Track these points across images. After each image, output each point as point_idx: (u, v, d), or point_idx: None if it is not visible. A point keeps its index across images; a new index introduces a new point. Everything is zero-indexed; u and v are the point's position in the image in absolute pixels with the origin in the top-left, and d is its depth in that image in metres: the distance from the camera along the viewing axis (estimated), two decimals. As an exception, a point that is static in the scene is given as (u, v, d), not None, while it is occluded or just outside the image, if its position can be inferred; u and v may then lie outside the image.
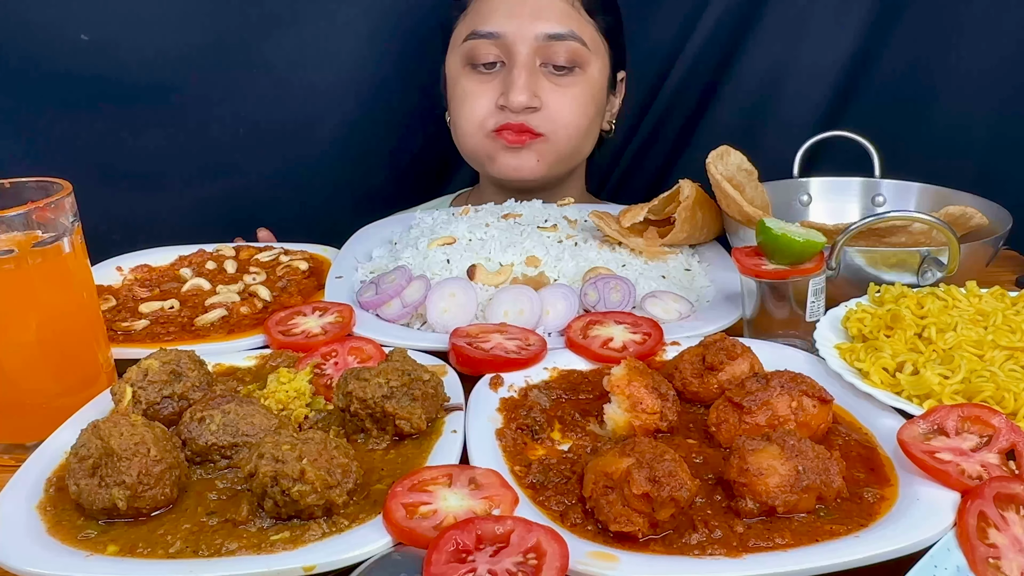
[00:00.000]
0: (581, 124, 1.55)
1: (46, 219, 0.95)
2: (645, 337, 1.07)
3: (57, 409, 0.95)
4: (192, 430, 0.87)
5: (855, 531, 0.75)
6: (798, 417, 0.87)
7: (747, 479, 0.77)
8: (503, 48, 1.50)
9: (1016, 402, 0.89)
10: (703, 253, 1.37)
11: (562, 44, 1.50)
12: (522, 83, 1.47)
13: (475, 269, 1.22)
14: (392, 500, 0.76)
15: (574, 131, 1.55)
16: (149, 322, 1.19)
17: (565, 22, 1.51)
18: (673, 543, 0.74)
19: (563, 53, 1.50)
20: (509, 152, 1.53)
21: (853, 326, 1.06)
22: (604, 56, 1.58)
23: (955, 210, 1.22)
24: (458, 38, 1.56)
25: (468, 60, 1.54)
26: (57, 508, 0.81)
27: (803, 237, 1.04)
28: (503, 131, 1.51)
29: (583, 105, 1.54)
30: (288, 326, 1.13)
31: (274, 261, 1.38)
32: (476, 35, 1.51)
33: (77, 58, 1.63)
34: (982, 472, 0.79)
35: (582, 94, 1.54)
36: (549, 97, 1.51)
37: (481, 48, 1.51)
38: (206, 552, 0.75)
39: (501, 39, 1.50)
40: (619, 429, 0.90)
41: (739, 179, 1.30)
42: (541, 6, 1.50)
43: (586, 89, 1.55)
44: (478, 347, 1.04)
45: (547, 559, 0.69)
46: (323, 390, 0.99)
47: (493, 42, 1.50)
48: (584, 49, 1.52)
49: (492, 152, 1.55)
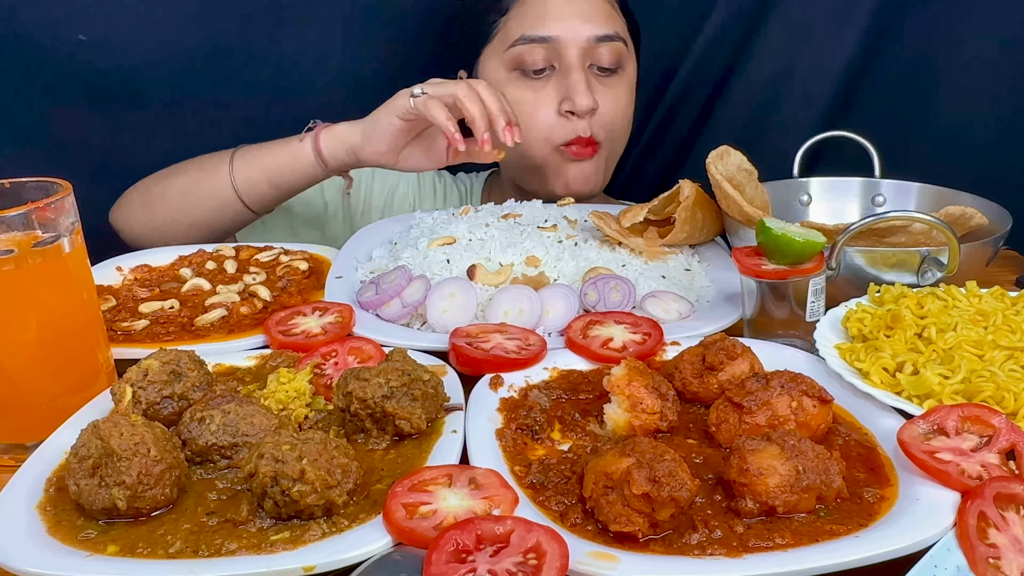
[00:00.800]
0: (627, 125, 1.58)
1: (46, 219, 0.95)
2: (645, 337, 1.07)
3: (57, 409, 0.95)
4: (192, 430, 0.87)
5: (855, 531, 0.75)
6: (798, 417, 0.87)
7: (747, 479, 0.77)
8: (553, 52, 1.49)
9: (1016, 402, 0.89)
10: (703, 253, 1.37)
11: (609, 45, 1.51)
12: (584, 86, 1.47)
13: (475, 269, 1.22)
14: (392, 500, 0.76)
15: (623, 132, 1.58)
16: (149, 322, 1.19)
17: (610, 23, 1.52)
18: (673, 543, 0.74)
19: (609, 54, 1.51)
20: (575, 164, 1.54)
21: (853, 326, 1.06)
22: (634, 55, 1.60)
23: (955, 210, 1.22)
24: (502, 43, 1.53)
25: (516, 65, 1.52)
26: (57, 508, 0.81)
27: (803, 237, 1.04)
28: (572, 144, 1.52)
29: (627, 105, 1.56)
30: (288, 326, 1.13)
31: (274, 261, 1.38)
32: (526, 39, 1.49)
33: (77, 58, 1.64)
34: (982, 472, 0.79)
35: (625, 94, 1.56)
36: (601, 99, 1.51)
37: (533, 53, 1.49)
38: (206, 552, 0.75)
39: (552, 43, 1.49)
40: (619, 429, 0.90)
41: (739, 179, 1.30)
42: (589, 8, 1.51)
43: (628, 88, 1.57)
44: (478, 347, 1.04)
45: (547, 559, 0.69)
46: (323, 390, 0.99)
47: (544, 46, 1.49)
48: (625, 48, 1.54)
49: (558, 164, 1.55)
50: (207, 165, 1.49)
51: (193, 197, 1.49)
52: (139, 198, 1.53)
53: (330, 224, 1.72)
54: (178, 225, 1.51)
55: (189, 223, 1.51)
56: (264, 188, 1.47)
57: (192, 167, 1.51)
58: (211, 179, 1.48)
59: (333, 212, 1.71)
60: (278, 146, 1.46)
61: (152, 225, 1.52)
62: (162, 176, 1.53)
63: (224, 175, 1.46)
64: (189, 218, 1.50)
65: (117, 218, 1.56)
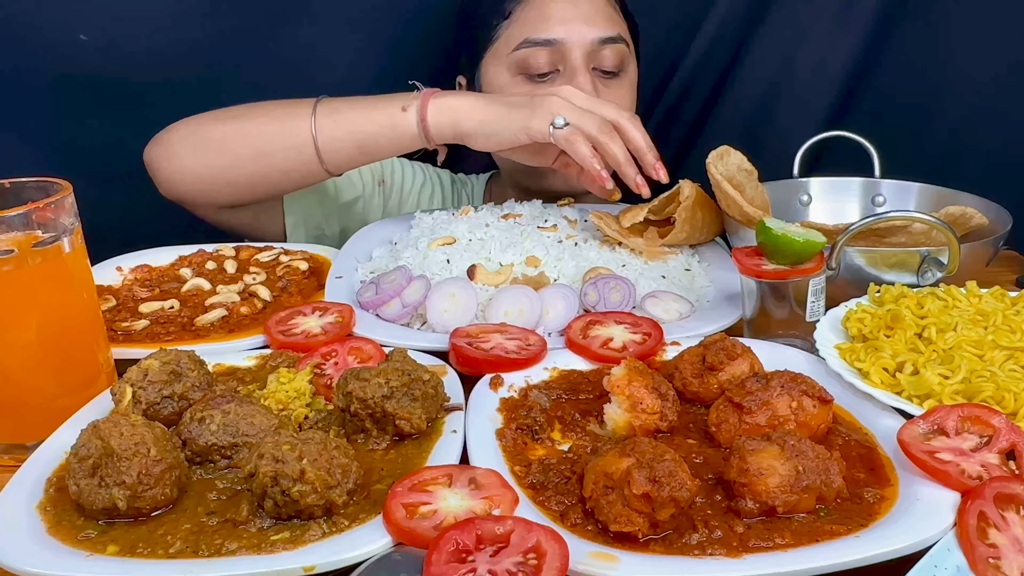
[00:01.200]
0: None
1: (46, 219, 0.95)
2: (645, 337, 1.07)
3: (57, 409, 0.95)
4: (192, 430, 0.87)
5: (855, 531, 0.75)
6: (798, 417, 0.87)
7: (747, 479, 0.77)
8: (558, 55, 1.49)
9: (1016, 402, 0.89)
10: (703, 253, 1.37)
11: (612, 47, 1.50)
12: (590, 88, 1.46)
13: (475, 269, 1.22)
14: (392, 500, 0.76)
15: None
16: (149, 322, 1.19)
17: (613, 25, 1.52)
18: (673, 543, 0.74)
19: (612, 56, 1.51)
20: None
21: (853, 326, 1.06)
22: (635, 56, 1.60)
23: (955, 210, 1.22)
24: (505, 47, 1.52)
25: (521, 69, 1.51)
26: (57, 508, 0.81)
27: (803, 237, 1.04)
28: None
29: (630, 107, 1.55)
30: (288, 326, 1.13)
31: (274, 261, 1.38)
32: (530, 42, 1.49)
33: (77, 58, 1.63)
34: (982, 472, 0.79)
35: (628, 96, 1.55)
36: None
37: (538, 56, 1.49)
38: (206, 552, 0.75)
39: (557, 46, 1.48)
40: (619, 429, 0.90)
41: (739, 179, 1.30)
42: (592, 10, 1.50)
43: (630, 90, 1.56)
44: (478, 347, 1.04)
45: (547, 559, 0.69)
46: (323, 390, 0.99)
47: (549, 49, 1.48)
48: (627, 50, 1.54)
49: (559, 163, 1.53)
50: (280, 114, 1.37)
51: (263, 148, 1.37)
52: (190, 139, 1.40)
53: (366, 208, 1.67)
54: (237, 176, 1.39)
55: (250, 176, 1.39)
56: (353, 152, 1.37)
57: (260, 114, 1.39)
58: (288, 133, 1.36)
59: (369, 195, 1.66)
60: (373, 109, 1.35)
61: (202, 173, 1.40)
62: (220, 118, 1.40)
63: (305, 131, 1.35)
64: (251, 171, 1.39)
65: (157, 157, 1.43)
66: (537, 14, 1.50)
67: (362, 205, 1.66)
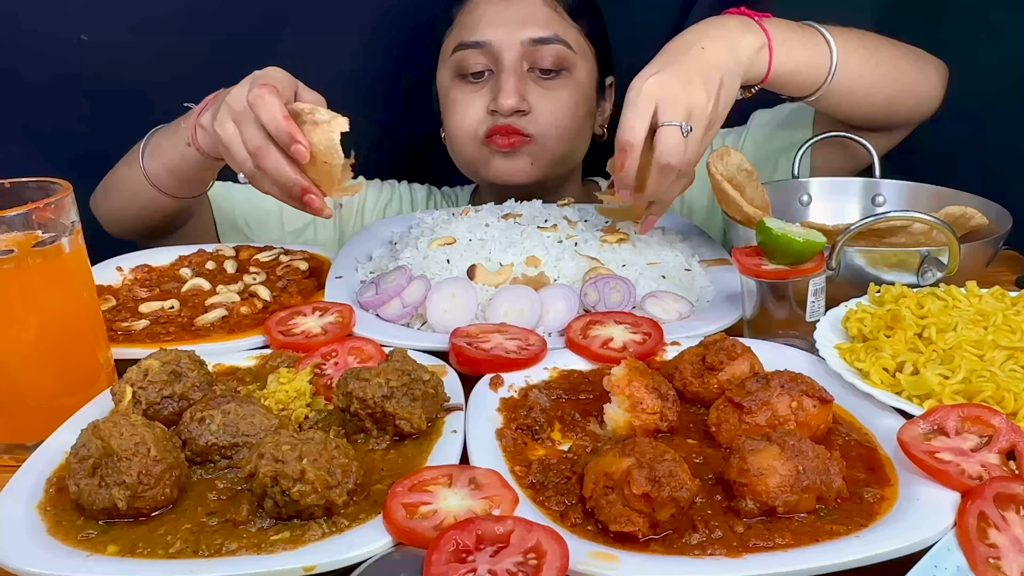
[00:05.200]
0: (571, 125, 1.57)
1: (46, 219, 0.95)
2: (645, 337, 1.07)
3: (57, 409, 0.95)
4: (192, 430, 0.87)
5: (855, 531, 0.75)
6: (798, 417, 0.87)
7: (747, 479, 0.77)
8: (490, 56, 1.52)
9: (1016, 402, 0.89)
10: (703, 253, 1.37)
11: (548, 48, 1.52)
12: (511, 87, 1.49)
13: (475, 269, 1.22)
14: (392, 500, 0.76)
15: (564, 132, 1.56)
16: (149, 322, 1.19)
17: (549, 26, 1.53)
18: (673, 543, 0.74)
19: (549, 56, 1.53)
20: (502, 157, 1.55)
21: (853, 326, 1.06)
22: (591, 59, 1.60)
23: (955, 210, 1.22)
24: (447, 51, 1.58)
25: (457, 71, 1.56)
26: (57, 508, 0.81)
27: (803, 237, 1.04)
28: (494, 135, 1.53)
29: (571, 107, 1.56)
30: (288, 326, 1.13)
31: (274, 261, 1.38)
32: (463, 46, 1.53)
33: (77, 58, 1.63)
34: (982, 472, 0.79)
35: (570, 96, 1.56)
36: (537, 100, 1.53)
37: (469, 58, 1.53)
38: (206, 552, 0.75)
39: (488, 47, 1.52)
40: (619, 429, 0.90)
41: (739, 179, 1.30)
42: (526, 13, 1.53)
43: (574, 91, 1.57)
44: (478, 347, 1.04)
45: (547, 559, 0.69)
46: (323, 390, 0.99)
47: (481, 51, 1.52)
48: (569, 52, 1.54)
49: (486, 158, 1.56)
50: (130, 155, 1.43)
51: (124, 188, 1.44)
52: (101, 186, 1.50)
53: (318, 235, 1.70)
54: (126, 215, 1.48)
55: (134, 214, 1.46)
56: (176, 184, 1.40)
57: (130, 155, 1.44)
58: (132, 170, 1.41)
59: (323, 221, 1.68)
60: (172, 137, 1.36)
61: (110, 216, 1.50)
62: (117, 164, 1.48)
63: (137, 171, 1.40)
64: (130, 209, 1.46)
65: (91, 206, 1.53)
66: (471, 19, 1.55)
67: (313, 231, 1.69)
